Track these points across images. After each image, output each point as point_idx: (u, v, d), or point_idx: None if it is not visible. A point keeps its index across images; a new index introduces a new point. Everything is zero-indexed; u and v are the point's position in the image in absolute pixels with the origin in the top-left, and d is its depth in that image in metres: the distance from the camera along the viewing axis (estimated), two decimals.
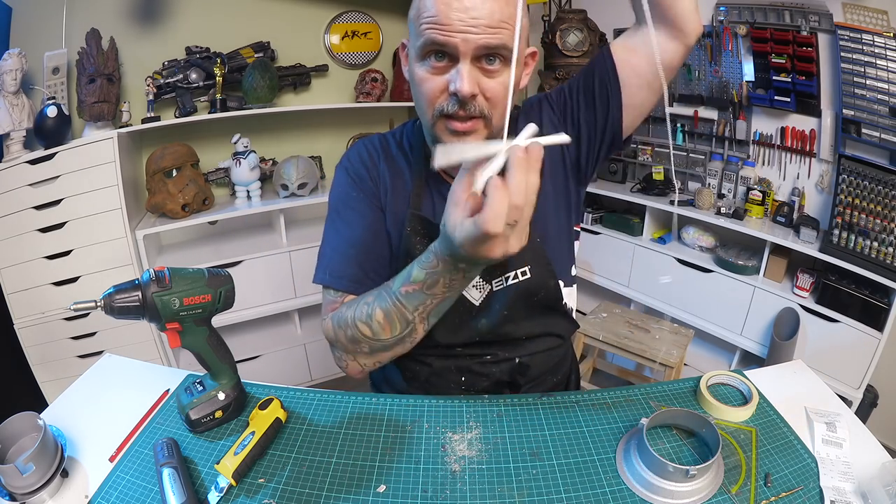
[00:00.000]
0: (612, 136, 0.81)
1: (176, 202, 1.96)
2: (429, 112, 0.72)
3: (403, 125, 0.90)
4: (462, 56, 0.67)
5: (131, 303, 0.64)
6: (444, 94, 0.70)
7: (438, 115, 0.71)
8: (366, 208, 0.83)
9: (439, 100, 0.70)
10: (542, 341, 0.89)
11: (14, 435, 0.65)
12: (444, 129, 0.72)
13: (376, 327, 0.71)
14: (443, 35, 0.65)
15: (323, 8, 2.35)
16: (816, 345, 1.83)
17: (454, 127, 0.71)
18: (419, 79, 0.71)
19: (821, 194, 1.96)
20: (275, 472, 0.66)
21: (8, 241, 1.75)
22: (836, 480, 0.64)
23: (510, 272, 0.82)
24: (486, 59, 0.68)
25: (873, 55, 1.66)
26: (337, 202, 0.85)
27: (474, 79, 0.68)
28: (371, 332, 0.72)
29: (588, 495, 0.63)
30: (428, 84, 0.70)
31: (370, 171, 0.85)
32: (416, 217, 0.81)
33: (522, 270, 0.82)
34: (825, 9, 1.78)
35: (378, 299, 0.71)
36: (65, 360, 1.89)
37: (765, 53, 1.93)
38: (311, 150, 2.47)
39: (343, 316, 0.76)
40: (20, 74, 1.65)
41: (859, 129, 1.74)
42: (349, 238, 0.82)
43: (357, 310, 0.73)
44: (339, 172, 0.87)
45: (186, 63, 2.03)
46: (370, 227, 0.82)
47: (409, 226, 0.81)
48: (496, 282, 0.83)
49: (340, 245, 0.82)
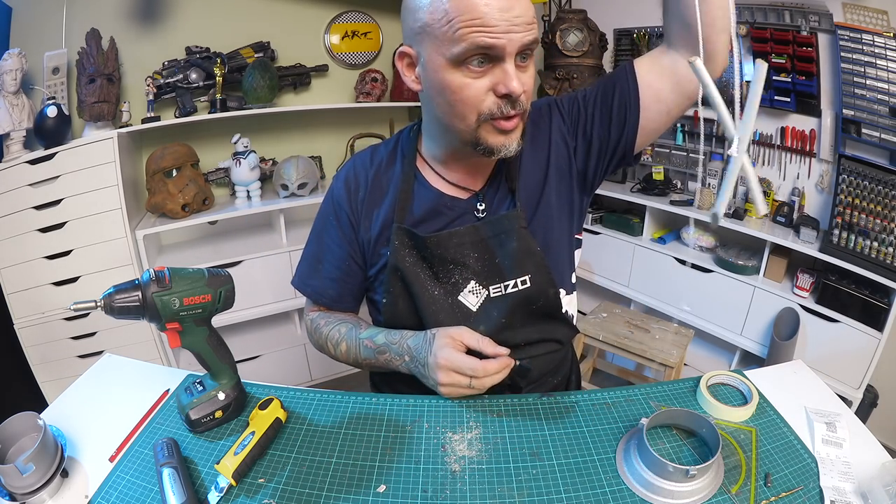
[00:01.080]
0: (622, 154, 0.81)
1: (176, 202, 1.96)
2: (471, 117, 0.71)
3: (399, 132, 0.90)
4: (508, 56, 0.66)
5: (131, 303, 0.64)
6: (489, 97, 0.69)
7: (485, 119, 0.70)
8: (336, 240, 0.88)
9: (485, 103, 0.69)
10: (542, 346, 0.89)
11: (14, 435, 0.65)
12: (492, 130, 0.71)
13: (338, 354, 0.89)
14: (491, 37, 0.65)
15: (323, 8, 2.36)
16: (816, 345, 1.83)
17: (504, 126, 0.71)
18: (457, 85, 0.69)
19: (821, 194, 1.96)
20: (275, 472, 0.66)
21: (8, 241, 1.75)
22: (836, 480, 0.64)
23: (509, 280, 0.82)
24: (521, 56, 0.68)
25: (873, 55, 1.66)
26: (320, 218, 0.91)
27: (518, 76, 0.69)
28: (333, 353, 0.90)
29: (588, 495, 0.63)
30: (470, 90, 0.69)
31: (351, 199, 0.86)
32: (403, 231, 0.82)
33: (522, 279, 0.82)
34: (825, 9, 1.78)
35: (347, 334, 0.87)
36: (65, 360, 1.89)
37: (765, 53, 1.93)
38: (311, 150, 2.47)
39: (319, 328, 0.91)
40: (20, 74, 1.65)
41: (859, 129, 1.74)
42: (318, 255, 0.90)
43: (331, 331, 0.89)
44: (327, 193, 0.90)
45: (186, 63, 2.03)
46: (336, 257, 0.88)
47: (396, 240, 0.82)
48: (494, 288, 0.83)
49: (311, 257, 0.91)
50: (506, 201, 0.83)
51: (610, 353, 2.06)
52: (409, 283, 0.82)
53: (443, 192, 0.83)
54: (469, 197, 0.83)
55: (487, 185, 0.84)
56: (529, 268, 0.82)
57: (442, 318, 0.82)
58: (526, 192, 0.83)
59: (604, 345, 1.98)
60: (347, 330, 0.87)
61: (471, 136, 0.73)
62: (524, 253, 0.81)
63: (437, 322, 0.82)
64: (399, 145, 0.88)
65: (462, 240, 0.81)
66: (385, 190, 0.85)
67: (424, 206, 0.83)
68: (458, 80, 0.68)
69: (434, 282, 0.83)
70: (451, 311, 0.83)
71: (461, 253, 0.81)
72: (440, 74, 0.69)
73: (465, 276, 0.82)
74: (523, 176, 0.83)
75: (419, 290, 0.82)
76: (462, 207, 0.83)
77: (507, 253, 0.81)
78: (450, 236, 0.81)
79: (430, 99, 0.74)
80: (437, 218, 0.83)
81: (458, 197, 0.83)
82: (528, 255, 0.81)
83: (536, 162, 0.84)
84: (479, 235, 0.81)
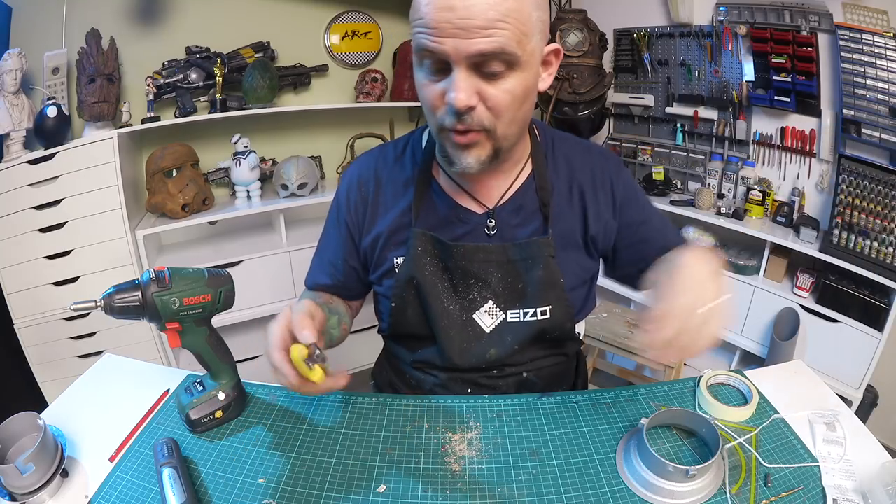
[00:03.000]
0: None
1: (176, 202, 1.96)
2: (433, 121, 0.67)
3: (411, 132, 0.87)
4: (455, 64, 0.59)
5: (131, 303, 0.64)
6: (443, 106, 0.63)
7: (439, 126, 0.66)
8: (335, 240, 0.87)
9: (439, 110, 0.64)
10: (548, 359, 0.88)
11: (14, 435, 0.65)
12: (450, 143, 0.67)
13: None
14: (432, 41, 0.58)
15: (323, 8, 2.35)
16: (816, 345, 1.82)
17: (456, 140, 0.66)
18: (419, 85, 0.66)
19: (821, 194, 1.96)
20: (275, 472, 0.66)
21: (8, 241, 1.74)
22: (836, 480, 0.64)
23: (529, 308, 0.80)
24: (485, 64, 0.60)
25: (873, 55, 1.66)
26: (328, 216, 0.89)
27: (473, 87, 0.61)
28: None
29: (588, 495, 0.63)
30: (427, 91, 0.64)
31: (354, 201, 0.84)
32: (426, 236, 0.78)
33: (543, 310, 0.80)
34: (825, 9, 1.78)
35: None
36: (65, 360, 1.89)
37: (765, 53, 1.93)
38: (311, 150, 2.46)
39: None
40: (20, 74, 1.65)
41: (859, 129, 1.74)
42: (322, 253, 0.90)
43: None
44: (337, 191, 0.89)
45: (186, 63, 2.03)
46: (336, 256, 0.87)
47: (418, 245, 0.78)
48: (512, 313, 0.80)
49: (317, 254, 0.91)
50: (527, 226, 0.80)
51: (610, 353, 2.06)
52: (425, 294, 0.79)
53: (457, 203, 0.80)
54: (483, 212, 0.79)
55: (502, 202, 0.80)
56: (552, 299, 0.79)
57: (453, 333, 0.80)
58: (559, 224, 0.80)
59: (604, 345, 1.98)
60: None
61: (440, 141, 0.70)
62: (548, 283, 0.79)
63: (447, 337, 0.80)
64: (410, 146, 0.84)
65: (489, 257, 0.78)
66: (395, 192, 0.82)
67: (438, 214, 0.80)
68: (420, 78, 0.65)
69: (451, 294, 0.80)
70: (464, 328, 0.80)
71: (485, 270, 0.78)
72: (415, 72, 0.67)
73: (484, 294, 0.80)
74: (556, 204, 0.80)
75: (434, 301, 0.79)
76: (475, 221, 0.79)
77: (531, 280, 0.79)
78: (476, 250, 0.77)
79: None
80: (450, 227, 0.79)
81: (472, 210, 0.79)
82: (551, 287, 0.79)
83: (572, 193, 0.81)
84: (506, 256, 0.78)
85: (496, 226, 0.79)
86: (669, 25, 2.22)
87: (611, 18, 2.39)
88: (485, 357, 0.81)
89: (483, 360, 0.81)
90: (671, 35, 2.23)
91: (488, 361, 0.82)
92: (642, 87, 2.40)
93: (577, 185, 0.81)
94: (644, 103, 2.39)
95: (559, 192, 0.81)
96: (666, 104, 2.32)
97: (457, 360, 0.81)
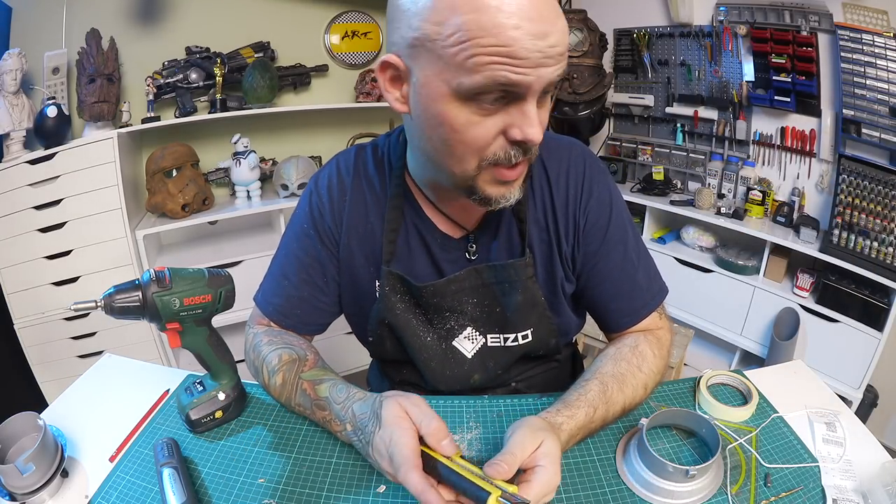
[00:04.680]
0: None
1: (176, 202, 1.96)
2: (472, 162, 0.58)
3: (388, 135, 0.78)
4: (530, 95, 0.53)
5: (131, 303, 0.64)
6: (497, 141, 0.56)
7: (487, 164, 0.58)
8: (310, 253, 0.77)
9: (491, 147, 0.57)
10: (538, 368, 0.88)
11: (14, 435, 0.65)
12: (492, 180, 0.60)
13: (272, 386, 0.73)
14: (517, 73, 0.50)
15: (323, 8, 2.35)
16: (816, 345, 1.83)
17: (506, 177, 0.59)
18: (461, 123, 0.55)
19: (821, 194, 1.96)
20: (275, 472, 0.66)
21: (8, 241, 1.75)
22: (836, 480, 0.64)
23: (510, 334, 0.77)
24: (545, 90, 0.55)
25: (873, 55, 1.66)
26: (293, 227, 0.79)
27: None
28: (266, 383, 0.74)
29: (588, 495, 0.62)
30: (477, 130, 0.55)
31: (334, 207, 0.75)
32: (394, 276, 0.74)
33: (524, 333, 0.78)
34: (825, 9, 1.78)
35: (288, 366, 0.71)
36: (65, 360, 1.89)
37: (765, 53, 1.93)
38: (311, 150, 2.46)
39: (259, 346, 0.76)
40: (20, 74, 1.65)
41: (859, 129, 1.74)
42: (285, 270, 0.79)
43: (270, 354, 0.74)
44: (303, 198, 0.79)
45: (186, 63, 2.03)
46: (309, 273, 0.77)
47: (387, 285, 0.74)
48: (492, 338, 0.78)
49: (278, 272, 0.80)
50: (505, 249, 0.75)
51: None
52: (400, 331, 0.76)
53: (435, 226, 0.74)
54: (461, 236, 0.75)
55: (481, 224, 0.75)
56: (532, 321, 0.77)
57: (434, 364, 0.79)
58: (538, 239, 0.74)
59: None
60: (290, 359, 0.72)
61: (466, 182, 0.61)
62: (528, 305, 0.75)
63: (429, 368, 0.79)
64: (387, 155, 0.76)
65: (461, 285, 0.74)
66: (371, 208, 0.75)
67: (414, 240, 0.75)
68: (464, 117, 0.54)
69: (427, 327, 0.78)
70: (445, 356, 0.78)
71: (458, 300, 0.75)
72: (439, 105, 0.55)
73: (461, 322, 0.77)
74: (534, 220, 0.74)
75: (410, 337, 0.77)
76: (453, 247, 0.75)
77: (509, 304, 0.75)
78: (447, 283, 0.73)
79: (421, 129, 0.60)
80: (427, 255, 0.75)
81: (450, 235, 0.75)
82: (531, 308, 0.76)
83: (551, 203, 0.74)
84: (480, 279, 0.74)
85: (476, 251, 0.75)
86: (669, 25, 2.22)
87: (611, 18, 2.39)
88: (468, 383, 0.81)
89: (467, 384, 0.81)
90: (671, 35, 2.23)
91: (472, 386, 0.81)
92: (642, 87, 2.40)
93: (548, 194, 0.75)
94: (644, 103, 2.39)
95: (535, 204, 0.74)
96: (666, 104, 2.33)
97: (441, 386, 0.81)
